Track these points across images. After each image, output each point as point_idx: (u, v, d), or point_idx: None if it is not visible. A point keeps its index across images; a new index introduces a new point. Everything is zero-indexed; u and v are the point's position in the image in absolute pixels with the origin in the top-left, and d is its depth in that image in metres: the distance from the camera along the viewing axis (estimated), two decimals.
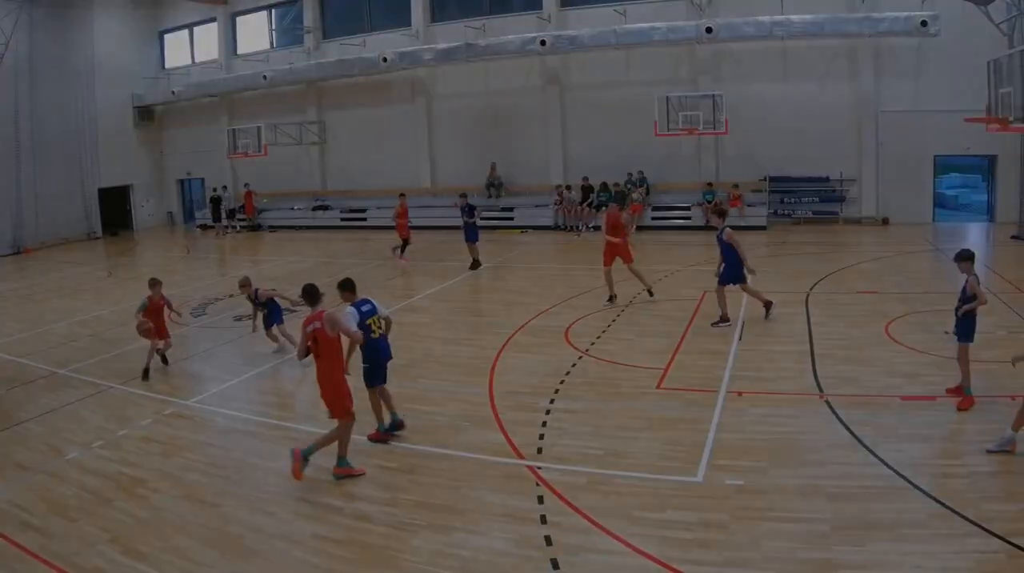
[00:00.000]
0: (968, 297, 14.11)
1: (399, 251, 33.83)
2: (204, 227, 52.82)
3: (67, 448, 14.67)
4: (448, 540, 10.70)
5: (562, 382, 16.87)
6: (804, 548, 9.92)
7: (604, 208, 38.73)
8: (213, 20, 54.80)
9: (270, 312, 20.25)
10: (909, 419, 13.85)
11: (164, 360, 19.86)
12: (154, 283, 19.99)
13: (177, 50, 57.74)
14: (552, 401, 15.77)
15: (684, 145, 41.41)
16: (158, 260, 40.78)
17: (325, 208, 50.79)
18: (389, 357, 14.30)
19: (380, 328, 13.95)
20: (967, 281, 14.17)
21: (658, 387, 16.37)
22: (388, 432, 14.22)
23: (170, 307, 20.12)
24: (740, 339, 19.47)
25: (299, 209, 51.61)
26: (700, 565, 9.67)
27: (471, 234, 30.95)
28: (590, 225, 41.18)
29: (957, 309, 14.44)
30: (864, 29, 35.62)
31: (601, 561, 10.01)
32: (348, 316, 13.13)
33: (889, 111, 37.58)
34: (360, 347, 13.58)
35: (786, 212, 39.57)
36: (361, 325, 13.34)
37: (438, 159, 48.21)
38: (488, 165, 45.42)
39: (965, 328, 14.31)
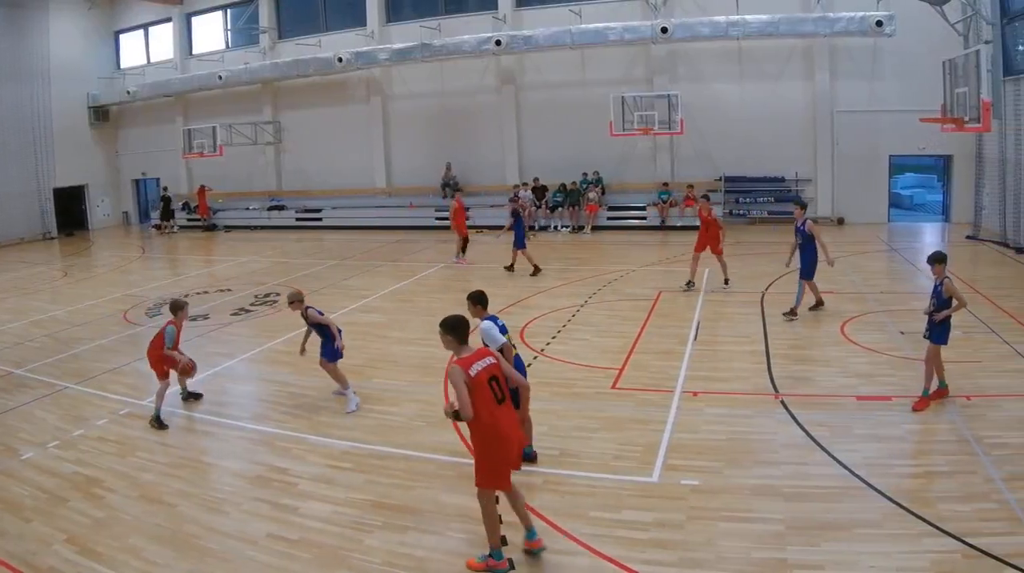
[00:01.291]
0: (944, 300, 14.12)
1: (459, 254, 32.83)
2: (160, 227, 52.24)
3: (22, 448, 14.53)
4: (403, 540, 10.66)
5: None
6: (759, 548, 9.92)
7: (560, 208, 38.84)
8: (168, 20, 54.47)
9: (323, 340, 16.41)
10: (864, 419, 13.91)
11: (194, 395, 17.25)
12: (180, 306, 16.67)
13: (132, 50, 57.38)
14: None
15: (639, 145, 41.55)
16: (114, 260, 40.36)
17: (280, 208, 50.50)
18: None
19: (514, 347, 12.72)
20: (943, 283, 14.15)
21: (613, 387, 16.38)
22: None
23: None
24: (695, 339, 19.48)
25: (254, 209, 51.32)
26: (655, 565, 9.65)
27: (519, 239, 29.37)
28: (552, 226, 41.31)
29: (929, 311, 14.45)
30: (819, 29, 35.78)
31: (556, 561, 9.96)
32: (490, 331, 12.25)
33: (844, 111, 37.77)
34: None
35: (741, 212, 39.64)
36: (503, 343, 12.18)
37: (393, 159, 48.06)
38: (444, 165, 45.32)
39: (941, 330, 14.29)
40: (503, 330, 12.42)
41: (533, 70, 43.73)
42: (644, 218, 40.71)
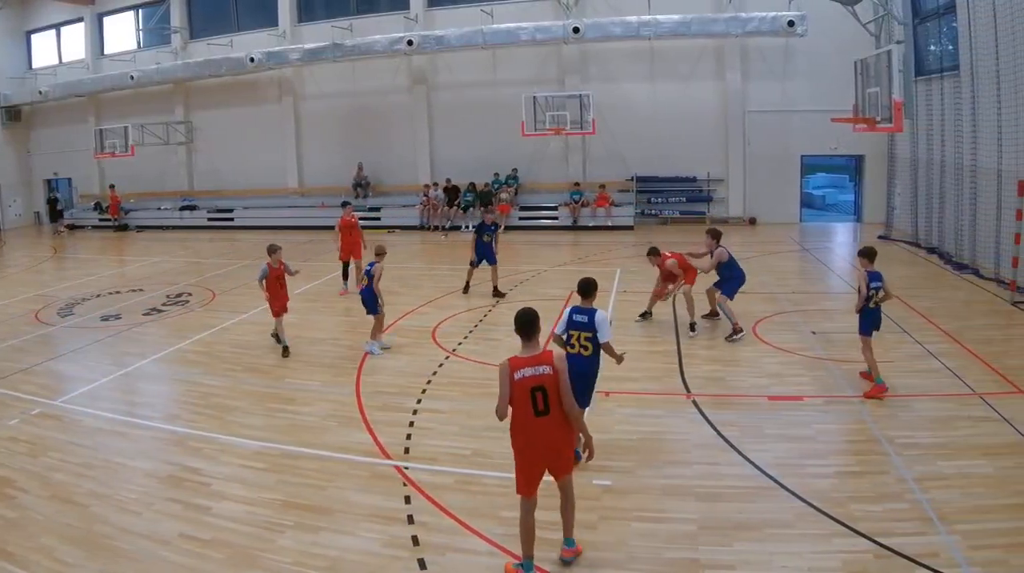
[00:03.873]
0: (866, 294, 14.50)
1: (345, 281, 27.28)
2: (72, 227, 51.75)
3: None
4: (315, 540, 10.60)
5: (429, 382, 16.80)
6: (671, 548, 9.93)
7: (471, 208, 38.62)
8: (80, 20, 53.75)
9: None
10: (776, 419, 14.04)
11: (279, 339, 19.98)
12: (274, 249, 19.97)
13: (44, 50, 56.65)
14: (419, 401, 15.70)
15: (551, 145, 41.82)
16: (25, 260, 39.72)
17: (192, 208, 50.04)
18: (589, 382, 12.30)
19: (582, 346, 12.02)
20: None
21: None
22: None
23: (289, 271, 20.30)
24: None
25: (166, 209, 50.81)
26: (568, 566, 9.64)
27: (490, 255, 25.32)
28: (463, 226, 41.17)
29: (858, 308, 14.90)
30: (731, 29, 36.14)
31: (468, 561, 9.97)
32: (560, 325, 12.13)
33: (756, 111, 38.29)
34: None
35: (653, 212, 39.89)
36: (563, 334, 12.09)
37: (305, 159, 48.00)
38: (356, 165, 45.34)
39: (860, 321, 14.80)
40: (579, 326, 12.00)
41: (445, 70, 43.83)
42: (556, 218, 40.95)
